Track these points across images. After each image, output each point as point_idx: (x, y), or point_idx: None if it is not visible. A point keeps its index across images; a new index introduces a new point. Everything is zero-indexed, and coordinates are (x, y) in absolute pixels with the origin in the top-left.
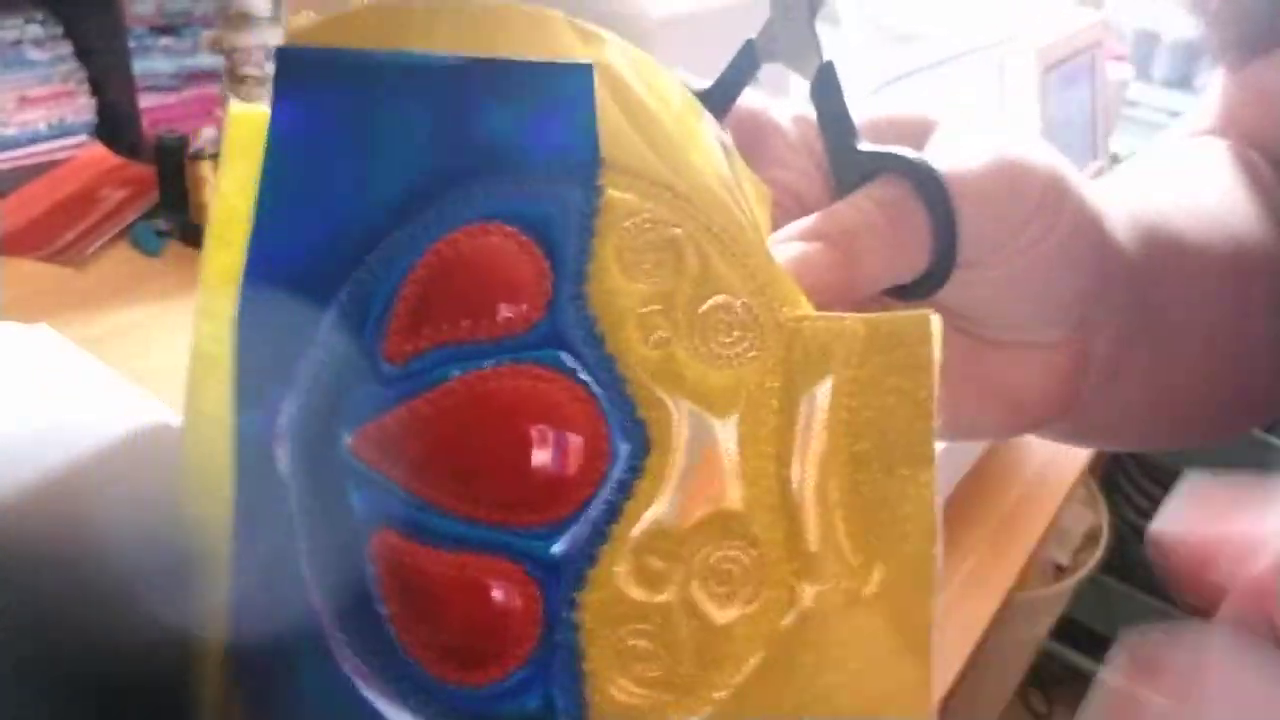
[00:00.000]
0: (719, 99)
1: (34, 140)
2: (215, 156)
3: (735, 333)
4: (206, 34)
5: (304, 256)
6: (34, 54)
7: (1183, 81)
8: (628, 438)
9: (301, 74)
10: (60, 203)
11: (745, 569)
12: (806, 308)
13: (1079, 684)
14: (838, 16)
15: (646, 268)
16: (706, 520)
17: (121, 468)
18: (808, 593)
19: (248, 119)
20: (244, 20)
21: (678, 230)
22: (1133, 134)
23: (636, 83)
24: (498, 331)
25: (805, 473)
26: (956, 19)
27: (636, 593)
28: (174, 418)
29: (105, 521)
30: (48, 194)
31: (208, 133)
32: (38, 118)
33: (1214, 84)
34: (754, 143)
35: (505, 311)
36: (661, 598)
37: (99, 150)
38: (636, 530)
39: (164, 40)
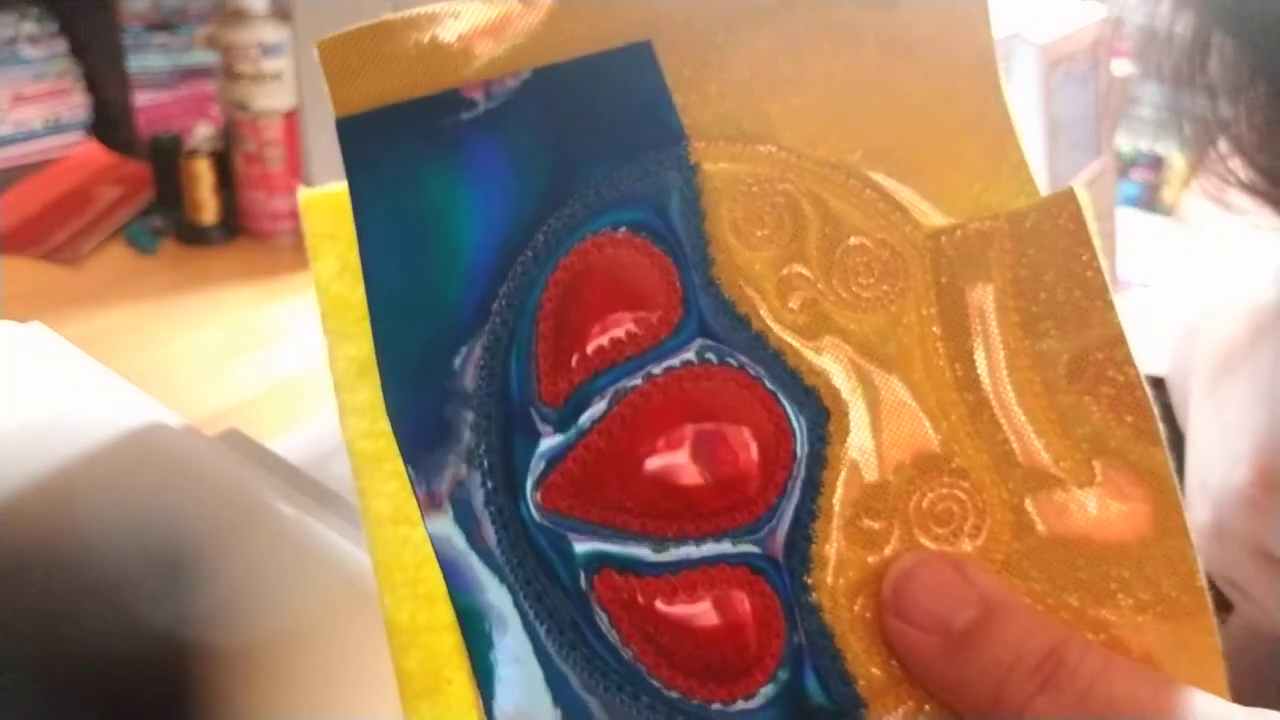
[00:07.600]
0: None
1: (29, 138)
2: (211, 154)
3: (876, 270)
4: (202, 31)
5: (434, 328)
6: (29, 51)
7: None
8: (802, 409)
9: (369, 139)
10: (55, 201)
11: (961, 503)
12: (933, 217)
13: None
14: None
15: (765, 233)
16: (907, 466)
17: (116, 466)
18: (1031, 506)
19: (322, 201)
20: (239, 17)
21: (785, 185)
22: (1137, 132)
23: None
24: (645, 343)
25: (994, 390)
26: None
27: (862, 557)
28: (169, 416)
29: (101, 520)
30: (42, 192)
31: (203, 130)
32: (32, 115)
33: None
34: None
35: (646, 320)
36: (888, 553)
37: (94, 148)
38: (841, 496)
39: (159, 37)
